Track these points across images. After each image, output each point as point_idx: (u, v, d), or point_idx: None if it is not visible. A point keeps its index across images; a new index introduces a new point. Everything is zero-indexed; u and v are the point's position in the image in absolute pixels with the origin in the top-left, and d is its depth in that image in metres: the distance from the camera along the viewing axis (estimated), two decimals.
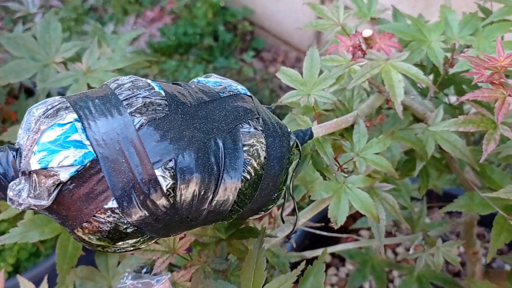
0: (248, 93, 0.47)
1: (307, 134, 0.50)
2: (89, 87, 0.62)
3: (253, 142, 0.42)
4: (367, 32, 0.61)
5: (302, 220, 0.55)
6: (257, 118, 0.44)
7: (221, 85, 0.46)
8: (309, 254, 0.73)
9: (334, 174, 0.53)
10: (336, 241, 0.91)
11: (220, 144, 0.40)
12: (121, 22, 2.02)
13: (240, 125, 0.42)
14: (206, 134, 0.39)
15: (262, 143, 0.42)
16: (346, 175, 0.59)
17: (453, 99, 0.80)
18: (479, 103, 0.59)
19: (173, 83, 0.45)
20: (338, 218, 0.53)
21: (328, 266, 1.23)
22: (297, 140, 0.49)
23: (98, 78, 0.62)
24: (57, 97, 0.40)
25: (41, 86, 0.62)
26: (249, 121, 0.43)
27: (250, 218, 0.47)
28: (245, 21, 2.07)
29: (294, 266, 0.67)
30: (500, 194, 0.58)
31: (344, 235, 0.83)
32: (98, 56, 0.65)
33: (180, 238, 0.53)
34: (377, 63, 0.57)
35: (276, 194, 0.46)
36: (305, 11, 1.87)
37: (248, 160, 0.41)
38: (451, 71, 0.63)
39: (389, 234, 1.21)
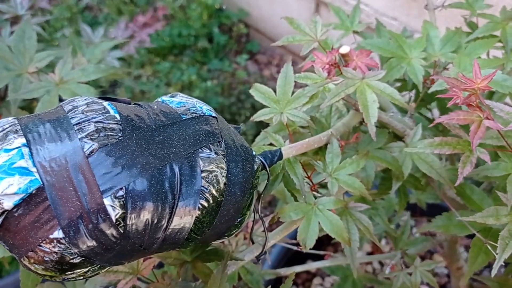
0: (214, 114, 0.45)
1: (276, 155, 0.49)
2: (61, 100, 0.61)
3: (212, 168, 0.40)
4: (344, 49, 0.60)
5: (272, 242, 0.54)
6: (219, 142, 0.42)
7: (185, 106, 0.44)
8: (284, 271, 0.72)
9: (303, 196, 0.52)
10: (319, 255, 0.90)
11: (176, 170, 0.39)
12: (115, 22, 2.01)
13: (200, 150, 0.41)
14: (161, 160, 0.38)
15: (223, 169, 0.41)
16: (320, 194, 0.58)
17: (437, 113, 0.79)
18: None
19: (135, 104, 0.44)
20: (307, 241, 0.52)
21: (313, 275, 1.23)
22: (265, 162, 0.47)
23: (70, 90, 0.61)
24: (10, 119, 0.38)
25: (12, 96, 0.61)
26: (210, 145, 0.41)
27: (213, 242, 0.46)
28: (240, 23, 2.06)
29: (268, 283, 0.66)
30: (476, 218, 0.57)
31: (321, 252, 0.82)
32: (72, 67, 0.64)
33: (145, 259, 0.52)
34: (352, 81, 0.55)
35: (239, 219, 0.44)
36: (300, 14, 1.85)
37: (206, 187, 0.40)
38: (431, 89, 0.62)
39: (375, 247, 1.20)
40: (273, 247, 0.94)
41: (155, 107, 0.43)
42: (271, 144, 0.55)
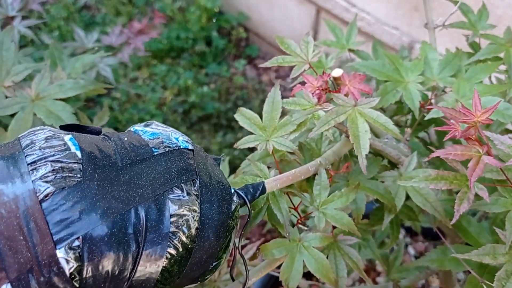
0: (190, 146, 0.42)
1: (258, 189, 0.46)
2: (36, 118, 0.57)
3: (183, 212, 0.37)
4: (337, 72, 0.56)
5: (253, 279, 0.51)
6: (192, 180, 0.39)
7: (158, 137, 0.41)
8: None
9: (287, 234, 0.48)
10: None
11: (142, 215, 0.35)
12: (113, 23, 1.97)
13: (170, 191, 0.37)
14: (125, 204, 0.35)
15: (195, 212, 0.38)
16: (306, 228, 0.55)
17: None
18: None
19: (103, 135, 0.41)
20: (291, 281, 0.48)
21: None
22: (245, 198, 0.44)
23: (46, 107, 0.57)
24: None
25: None
26: (182, 184, 0.38)
27: None
28: (240, 27, 2.02)
29: None
30: (472, 256, 0.53)
31: (309, 282, 0.79)
32: (50, 81, 0.60)
33: None
34: (343, 109, 0.52)
35: (214, 264, 0.41)
36: (301, 19, 1.82)
37: (175, 233, 0.36)
38: (428, 116, 0.58)
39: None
40: None
41: (125, 139, 0.40)
42: (256, 175, 0.52)
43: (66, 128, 0.42)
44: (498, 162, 0.49)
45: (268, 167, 0.57)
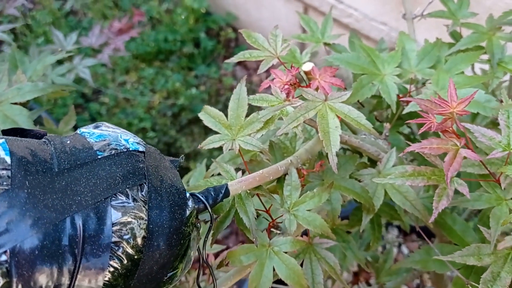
0: (141, 148, 0.39)
1: (220, 192, 0.43)
2: None
3: (127, 220, 0.34)
4: (307, 66, 0.53)
5: None
6: (140, 184, 0.36)
7: (105, 139, 0.38)
8: None
9: (254, 239, 0.45)
10: None
11: (79, 224, 0.32)
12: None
13: (114, 197, 0.34)
14: (60, 213, 0.32)
15: (142, 219, 0.35)
16: (279, 231, 0.52)
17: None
18: None
19: (45, 138, 0.38)
20: None
21: None
22: (206, 202, 0.41)
23: (2, 112, 0.54)
24: None
25: None
26: (127, 190, 0.35)
27: None
28: (228, 27, 1.99)
29: None
30: (455, 257, 0.50)
31: None
32: (9, 85, 0.57)
33: None
34: (313, 104, 0.49)
35: (169, 275, 0.38)
36: (289, 18, 1.79)
37: (118, 243, 0.33)
38: (405, 110, 0.55)
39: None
40: None
41: (68, 142, 0.37)
42: (219, 174, 0.49)
43: (9, 132, 0.39)
44: (476, 155, 0.46)
45: (239, 169, 0.54)
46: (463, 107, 0.45)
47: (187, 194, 0.39)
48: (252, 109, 0.49)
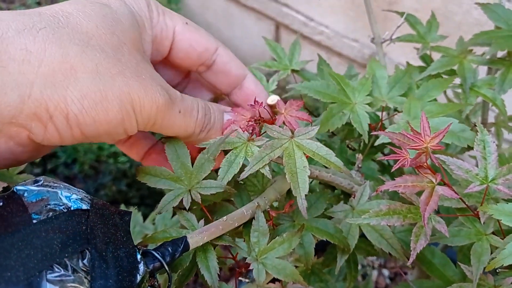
0: (84, 206, 0.35)
1: (178, 246, 0.39)
2: None
3: None
4: (272, 99, 0.50)
5: None
6: (82, 251, 0.32)
7: (42, 198, 0.34)
8: None
9: None
10: None
11: None
12: None
13: (50, 269, 0.30)
14: None
15: None
16: (247, 280, 0.48)
17: None
18: None
19: None
20: None
21: None
22: (162, 260, 0.37)
23: None
24: None
25: None
26: (66, 260, 0.31)
27: None
28: None
29: None
30: None
31: None
32: None
33: None
34: (279, 142, 0.46)
35: None
36: (261, 36, 1.77)
37: None
38: (377, 142, 0.52)
39: None
40: None
41: (1, 204, 0.33)
42: (183, 227, 0.45)
43: None
44: (453, 192, 0.43)
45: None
46: (437, 142, 0.43)
47: (138, 256, 0.35)
48: None
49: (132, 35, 0.41)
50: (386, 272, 1.16)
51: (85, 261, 0.32)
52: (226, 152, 0.46)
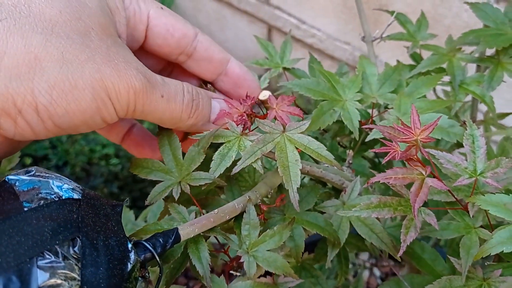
0: (76, 196, 0.35)
1: (169, 237, 0.39)
2: None
3: (56, 282, 0.30)
4: (263, 95, 0.51)
5: None
6: (73, 239, 0.32)
7: (34, 187, 0.34)
8: None
9: (209, 287, 0.42)
10: None
11: None
12: None
13: (40, 256, 0.30)
14: None
15: (73, 279, 0.30)
16: (239, 273, 0.48)
17: None
18: None
19: None
20: None
21: None
22: (153, 251, 0.37)
23: None
24: None
25: None
26: (57, 247, 0.31)
27: None
28: None
29: None
30: None
31: None
32: None
33: None
34: (271, 136, 0.46)
35: None
36: (253, 39, 1.77)
37: None
38: (368, 137, 0.53)
39: None
40: None
41: None
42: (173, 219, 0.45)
43: None
44: (443, 184, 0.43)
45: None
46: (427, 134, 0.43)
47: (129, 245, 0.35)
48: None
49: (101, 19, 0.39)
50: (377, 272, 1.16)
51: (76, 248, 0.32)
52: (217, 145, 0.46)
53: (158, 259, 0.37)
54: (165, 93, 0.41)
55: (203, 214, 0.44)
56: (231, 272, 0.47)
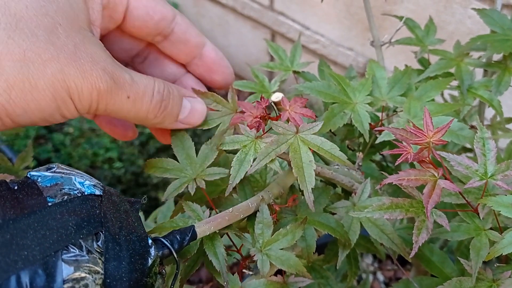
0: (98, 192, 0.35)
1: (186, 235, 0.39)
2: None
3: (80, 275, 0.30)
4: (276, 97, 0.51)
5: None
6: (96, 234, 0.32)
7: (57, 183, 0.34)
8: None
9: (225, 283, 0.42)
10: None
11: (25, 282, 0.28)
12: None
13: (65, 250, 0.30)
14: (3, 271, 0.28)
15: (97, 273, 0.31)
16: (251, 272, 0.48)
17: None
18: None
19: None
20: None
21: None
22: (171, 247, 0.38)
23: None
24: None
25: None
26: (81, 241, 0.31)
27: None
28: None
29: None
30: None
31: None
32: None
33: None
34: (284, 137, 0.47)
35: None
36: (256, 44, 1.79)
37: None
38: (378, 139, 0.53)
39: None
40: None
41: (16, 188, 0.33)
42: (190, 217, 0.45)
43: None
44: (455, 186, 0.44)
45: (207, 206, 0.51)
46: (439, 137, 0.44)
47: (149, 241, 0.36)
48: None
49: (70, 13, 0.37)
50: (381, 277, 1.17)
51: (99, 242, 0.32)
52: (229, 152, 0.47)
53: (175, 256, 0.38)
54: (132, 94, 0.39)
55: (217, 213, 0.45)
56: (244, 270, 0.48)
